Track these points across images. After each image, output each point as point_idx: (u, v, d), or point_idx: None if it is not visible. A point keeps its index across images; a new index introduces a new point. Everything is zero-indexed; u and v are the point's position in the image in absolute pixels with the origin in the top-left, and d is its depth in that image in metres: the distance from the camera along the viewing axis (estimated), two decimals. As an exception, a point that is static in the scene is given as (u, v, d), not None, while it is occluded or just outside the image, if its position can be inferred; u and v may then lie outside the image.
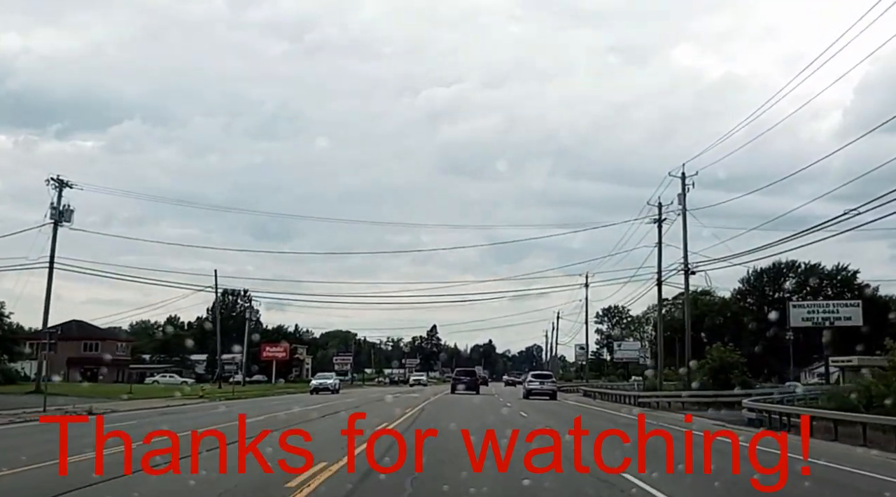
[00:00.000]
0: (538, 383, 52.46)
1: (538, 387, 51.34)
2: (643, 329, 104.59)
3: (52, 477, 10.58)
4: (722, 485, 10.83)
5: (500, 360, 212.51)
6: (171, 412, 28.01)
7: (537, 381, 53.08)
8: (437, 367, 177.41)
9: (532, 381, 53.61)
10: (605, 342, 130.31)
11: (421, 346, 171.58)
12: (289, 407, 31.10)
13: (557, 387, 57.03)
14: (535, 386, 51.83)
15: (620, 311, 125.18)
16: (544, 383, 52.60)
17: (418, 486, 10.31)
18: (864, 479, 12.92)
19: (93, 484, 9.95)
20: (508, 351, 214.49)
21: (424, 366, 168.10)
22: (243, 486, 10.10)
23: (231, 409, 29.02)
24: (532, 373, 62.36)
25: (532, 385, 52.33)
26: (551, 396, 49.35)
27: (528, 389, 51.88)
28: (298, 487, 9.71)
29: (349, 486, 10.04)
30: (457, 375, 59.65)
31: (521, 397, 49.22)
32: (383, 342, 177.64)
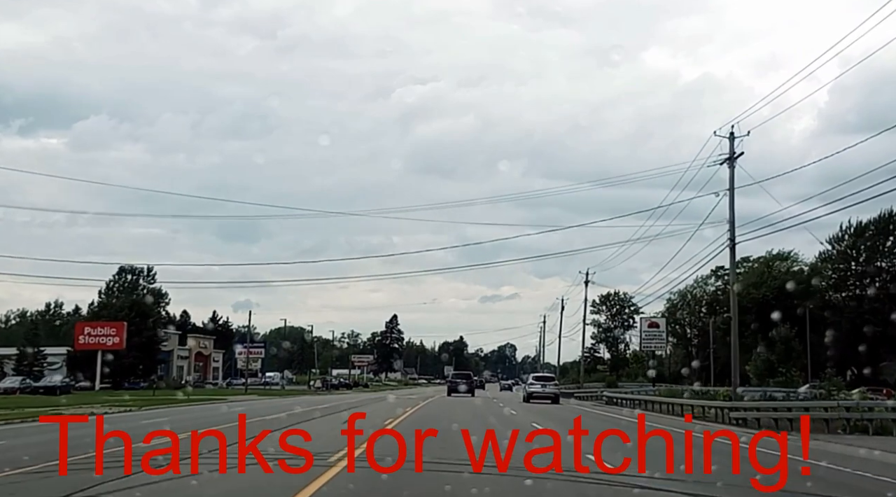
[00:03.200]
0: (539, 386, 57.42)
1: (539, 390, 56.36)
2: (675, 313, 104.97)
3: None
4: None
5: (472, 360, 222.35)
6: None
7: (539, 384, 58.09)
8: (398, 367, 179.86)
9: (533, 384, 58.84)
10: (604, 337, 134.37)
11: (381, 342, 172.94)
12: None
13: (560, 390, 61.67)
14: (536, 389, 57.04)
15: (623, 300, 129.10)
16: (546, 386, 57.40)
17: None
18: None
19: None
20: (481, 350, 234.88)
21: (383, 365, 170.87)
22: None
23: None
24: (533, 375, 68.32)
25: (533, 388, 57.55)
26: (553, 400, 54.09)
27: (528, 393, 57.00)
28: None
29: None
30: (453, 378, 68.89)
31: (521, 401, 54.31)
32: (338, 339, 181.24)
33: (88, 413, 33.51)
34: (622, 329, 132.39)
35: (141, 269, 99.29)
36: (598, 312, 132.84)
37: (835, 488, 13.88)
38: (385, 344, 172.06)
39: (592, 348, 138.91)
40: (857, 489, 14.47)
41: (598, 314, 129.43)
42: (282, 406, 43.31)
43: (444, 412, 35.50)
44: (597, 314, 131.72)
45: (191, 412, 36.70)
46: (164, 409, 39.57)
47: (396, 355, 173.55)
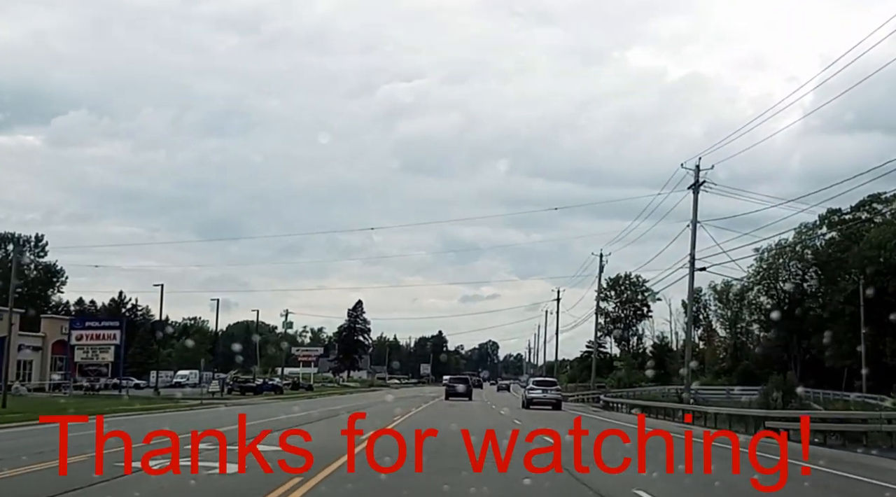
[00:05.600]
0: (540, 391, 56.69)
1: (540, 395, 55.69)
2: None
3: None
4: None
5: (452, 358, 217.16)
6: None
7: (539, 389, 57.45)
8: (365, 365, 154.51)
9: (534, 389, 58.03)
10: (610, 329, 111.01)
11: (344, 336, 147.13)
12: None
13: (562, 396, 62.72)
14: (536, 394, 56.25)
15: (635, 284, 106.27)
16: (547, 391, 56.81)
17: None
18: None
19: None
20: (461, 347, 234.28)
21: (345, 362, 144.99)
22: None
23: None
24: (533, 379, 67.87)
25: (533, 393, 56.71)
26: (555, 406, 54.19)
27: (528, 398, 56.26)
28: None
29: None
30: (451, 382, 71.62)
31: (520, 407, 54.12)
32: (298, 333, 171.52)
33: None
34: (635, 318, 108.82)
35: (28, 239, 74.09)
36: (605, 299, 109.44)
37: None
38: (348, 337, 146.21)
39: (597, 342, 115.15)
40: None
41: (605, 301, 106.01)
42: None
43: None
44: (604, 301, 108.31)
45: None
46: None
47: (362, 350, 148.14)
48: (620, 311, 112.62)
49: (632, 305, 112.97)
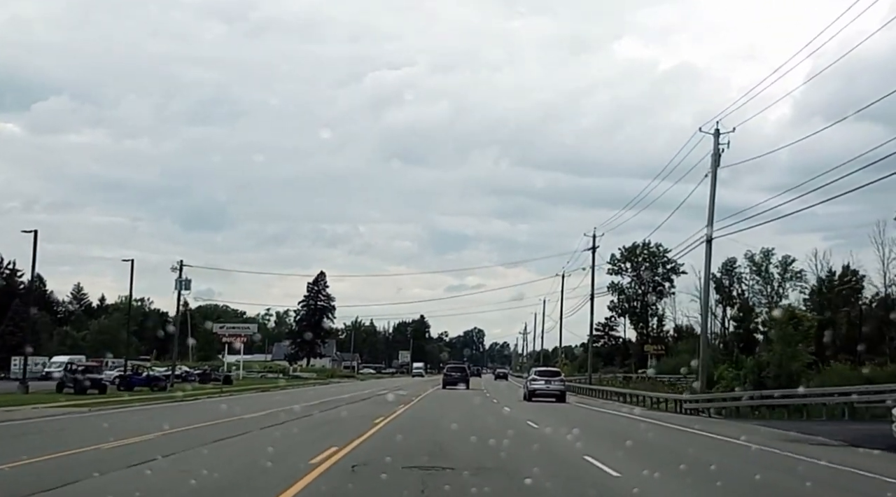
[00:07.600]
0: (543, 383, 56.34)
1: (543, 387, 55.30)
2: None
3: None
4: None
5: (435, 345, 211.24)
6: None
7: (542, 380, 57.13)
8: (329, 351, 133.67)
9: (536, 380, 57.72)
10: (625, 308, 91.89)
11: (302, 317, 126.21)
12: None
13: (566, 387, 63.45)
14: (539, 386, 55.94)
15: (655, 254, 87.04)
16: (551, 383, 56.43)
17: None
18: None
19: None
20: (446, 333, 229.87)
21: (303, 349, 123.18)
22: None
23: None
24: (536, 370, 65.69)
25: (536, 384, 56.45)
26: (559, 398, 54.94)
27: (530, 389, 56.48)
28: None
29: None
30: (448, 371, 78.46)
31: (520, 399, 55.48)
32: (261, 316, 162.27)
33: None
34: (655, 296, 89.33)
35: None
36: (619, 272, 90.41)
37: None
38: (308, 316, 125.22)
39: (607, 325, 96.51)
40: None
41: (618, 275, 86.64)
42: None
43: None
44: (618, 275, 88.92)
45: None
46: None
47: (325, 334, 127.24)
48: (638, 287, 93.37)
49: (651, 282, 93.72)
